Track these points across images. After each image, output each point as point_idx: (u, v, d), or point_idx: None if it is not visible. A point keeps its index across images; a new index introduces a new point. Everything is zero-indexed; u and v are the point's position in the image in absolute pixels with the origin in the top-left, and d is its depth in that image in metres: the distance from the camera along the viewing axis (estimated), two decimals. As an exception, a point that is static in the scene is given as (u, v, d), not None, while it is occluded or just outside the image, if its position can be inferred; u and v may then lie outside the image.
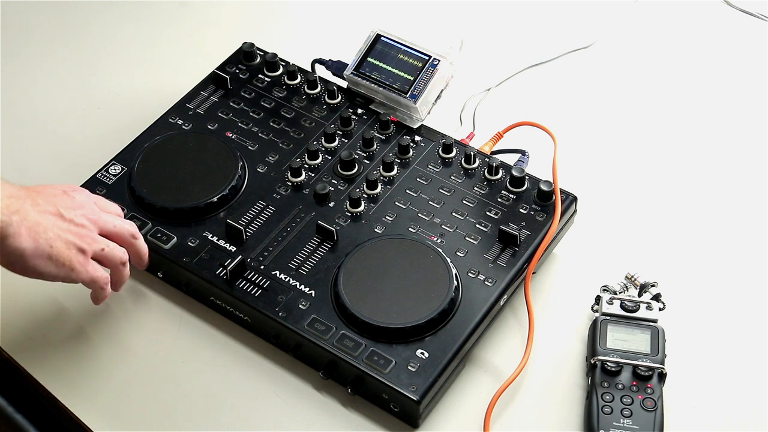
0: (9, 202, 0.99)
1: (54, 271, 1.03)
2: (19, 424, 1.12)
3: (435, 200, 1.20)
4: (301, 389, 1.11)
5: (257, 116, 1.30)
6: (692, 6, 1.55)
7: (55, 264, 1.03)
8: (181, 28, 1.53)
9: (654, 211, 1.28)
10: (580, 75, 1.46)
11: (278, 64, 1.35)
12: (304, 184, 1.23)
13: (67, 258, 1.03)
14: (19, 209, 1.00)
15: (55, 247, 1.02)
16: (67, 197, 1.07)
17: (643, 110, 1.41)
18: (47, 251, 1.02)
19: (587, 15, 1.54)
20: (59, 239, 1.03)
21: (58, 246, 1.02)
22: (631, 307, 1.13)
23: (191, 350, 1.15)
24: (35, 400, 1.13)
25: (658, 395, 1.07)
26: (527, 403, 1.10)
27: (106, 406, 1.10)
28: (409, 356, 1.07)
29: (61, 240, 1.03)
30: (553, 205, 1.18)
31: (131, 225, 1.12)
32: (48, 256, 1.02)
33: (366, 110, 1.30)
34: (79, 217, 1.06)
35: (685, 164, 1.34)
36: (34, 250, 1.01)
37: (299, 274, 1.14)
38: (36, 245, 1.01)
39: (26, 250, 1.00)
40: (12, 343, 1.15)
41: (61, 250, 1.03)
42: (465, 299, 1.11)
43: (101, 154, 1.27)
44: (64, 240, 1.03)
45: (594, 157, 1.35)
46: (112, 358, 1.14)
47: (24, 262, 1.01)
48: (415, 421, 1.07)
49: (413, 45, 1.29)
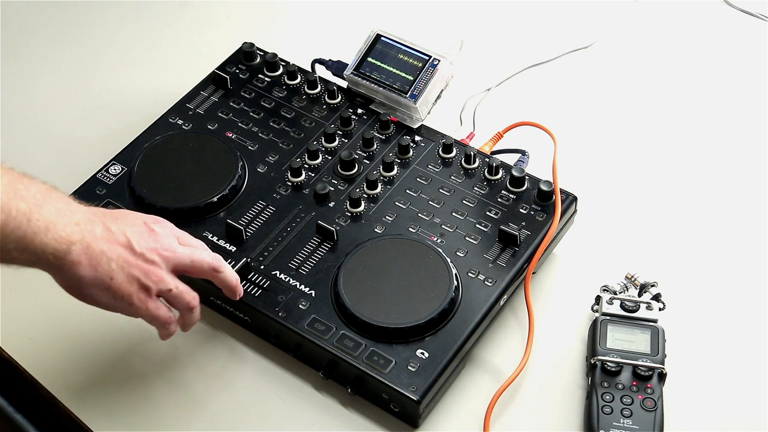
0: (72, 230, 0.96)
1: (111, 303, 1.00)
2: (19, 424, 1.12)
3: (435, 200, 1.20)
4: (301, 389, 1.11)
5: (257, 116, 1.30)
6: (692, 6, 1.55)
7: (113, 296, 0.99)
8: (181, 28, 1.53)
9: (654, 211, 1.28)
10: (580, 75, 1.46)
11: (278, 64, 1.35)
12: (304, 184, 1.23)
13: (127, 292, 1.00)
14: (82, 238, 0.96)
15: (115, 279, 0.99)
16: (145, 229, 1.03)
17: (643, 110, 1.41)
18: (106, 282, 0.98)
19: (587, 15, 1.54)
20: (122, 272, 0.99)
21: (119, 278, 0.99)
22: (631, 307, 1.13)
23: (191, 350, 1.15)
24: (35, 400, 1.13)
25: (658, 395, 1.07)
26: (527, 403, 1.11)
27: (106, 406, 1.10)
28: (409, 356, 1.07)
29: (124, 273, 0.99)
30: (553, 205, 1.18)
31: (213, 258, 1.07)
32: (107, 287, 0.98)
33: (366, 110, 1.30)
34: (150, 252, 1.01)
35: (685, 164, 1.34)
36: (93, 279, 0.97)
37: (299, 274, 1.14)
38: (96, 274, 0.97)
39: (84, 278, 0.97)
40: (12, 343, 1.15)
41: (120, 283, 0.99)
42: (465, 299, 1.11)
43: (101, 154, 1.27)
44: (127, 273, 0.99)
45: (594, 157, 1.35)
46: (112, 358, 1.14)
47: (81, 289, 0.98)
48: (415, 421, 1.07)
49: (413, 45, 1.29)
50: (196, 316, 1.07)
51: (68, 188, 1.22)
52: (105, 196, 1.21)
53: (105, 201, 1.20)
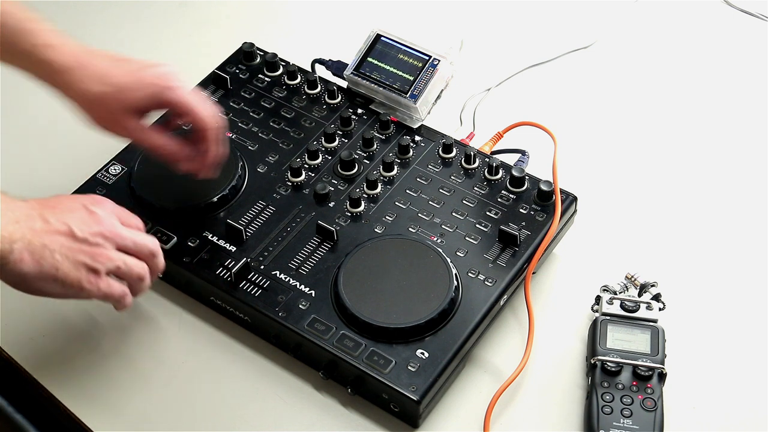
0: (14, 229, 0.97)
1: (62, 292, 1.01)
2: (19, 424, 1.12)
3: (435, 200, 1.20)
4: (301, 389, 1.11)
5: (257, 116, 1.30)
6: (692, 6, 1.55)
7: (62, 285, 1.00)
8: (181, 28, 1.53)
9: (654, 211, 1.28)
10: (580, 75, 1.46)
11: (278, 64, 1.35)
12: (304, 184, 1.23)
13: (75, 279, 1.00)
14: (23, 236, 0.97)
15: (61, 269, 0.99)
16: (84, 212, 1.03)
17: (643, 110, 1.41)
18: (52, 274, 0.99)
19: (587, 15, 1.54)
20: (67, 260, 1.00)
21: (64, 268, 0.99)
22: (631, 307, 1.13)
23: (191, 350, 1.15)
24: (35, 400, 1.13)
25: (658, 395, 1.07)
26: (527, 403, 1.11)
27: (106, 406, 1.10)
28: (409, 356, 1.07)
29: (69, 261, 1.00)
30: (553, 205, 1.18)
31: (153, 242, 1.09)
32: (54, 279, 0.99)
33: (366, 110, 1.30)
34: (94, 236, 1.02)
35: (685, 164, 1.34)
36: (38, 274, 0.98)
37: (299, 274, 1.14)
38: (40, 269, 0.98)
39: (28, 275, 0.98)
40: (12, 343, 1.15)
41: (67, 272, 1.00)
42: (465, 299, 1.11)
43: (101, 154, 1.27)
44: (73, 260, 1.00)
45: (594, 157, 1.35)
46: (112, 358, 1.14)
47: (27, 284, 0.99)
48: (415, 421, 1.07)
49: (413, 45, 1.29)
50: (146, 285, 1.08)
51: (68, 188, 1.23)
52: (105, 196, 1.20)
53: (105, 201, 1.20)
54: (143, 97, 1.10)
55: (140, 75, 1.10)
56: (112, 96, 1.09)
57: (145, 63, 1.12)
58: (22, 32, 1.09)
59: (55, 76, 1.10)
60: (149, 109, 1.12)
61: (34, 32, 1.09)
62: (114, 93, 1.09)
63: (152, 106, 1.12)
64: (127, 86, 1.10)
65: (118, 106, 1.10)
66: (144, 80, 1.10)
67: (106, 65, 1.10)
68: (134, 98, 1.10)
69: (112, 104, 1.09)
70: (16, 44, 1.09)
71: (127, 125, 1.11)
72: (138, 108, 1.11)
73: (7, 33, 1.09)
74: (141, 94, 1.10)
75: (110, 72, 1.10)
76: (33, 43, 1.09)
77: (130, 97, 1.10)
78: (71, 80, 1.09)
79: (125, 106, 1.10)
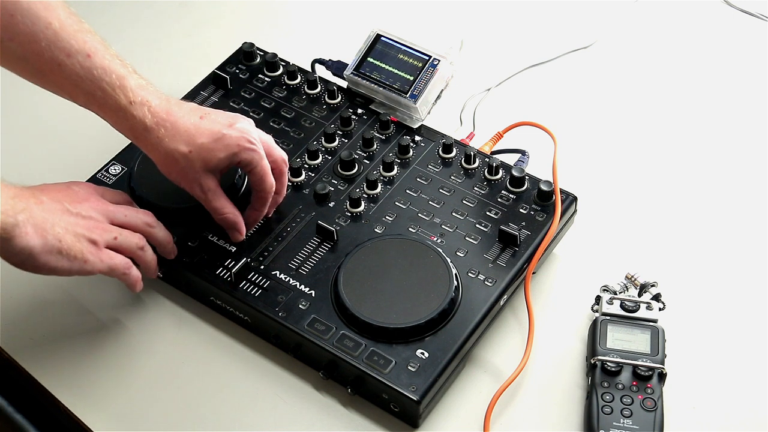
0: (13, 203, 0.99)
1: (67, 266, 1.02)
2: (19, 424, 1.12)
3: (435, 200, 1.20)
4: (301, 389, 1.11)
5: (257, 116, 1.30)
6: (692, 6, 1.55)
7: (66, 258, 1.02)
8: (181, 28, 1.53)
9: (654, 211, 1.28)
10: (580, 75, 1.46)
11: (278, 64, 1.35)
12: (304, 184, 1.23)
13: (79, 250, 1.03)
14: (24, 208, 0.99)
15: (64, 241, 1.01)
16: (71, 191, 1.07)
17: (643, 110, 1.41)
18: (57, 246, 1.01)
19: (587, 15, 1.54)
20: (68, 233, 1.02)
21: (67, 240, 1.02)
22: (631, 307, 1.13)
23: (191, 350, 1.15)
24: (35, 400, 1.13)
25: (658, 395, 1.07)
26: (527, 403, 1.10)
27: (106, 406, 1.10)
28: (409, 356, 1.07)
29: (70, 233, 1.02)
30: (553, 205, 1.18)
31: (145, 213, 1.12)
32: (58, 251, 1.01)
33: (366, 110, 1.30)
34: (86, 210, 1.06)
35: (685, 164, 1.34)
36: (43, 247, 1.00)
37: (299, 274, 1.14)
38: (44, 241, 1.00)
39: (35, 248, 0.99)
40: (12, 343, 1.15)
41: (71, 244, 1.02)
42: (465, 299, 1.11)
43: (101, 154, 1.27)
44: (73, 233, 1.03)
45: (594, 157, 1.35)
46: (112, 358, 1.14)
47: (34, 260, 1.00)
48: (415, 421, 1.07)
49: (413, 45, 1.29)
50: (149, 255, 1.10)
51: (68, 188, 1.23)
52: (105, 196, 1.21)
53: (105, 201, 1.20)
54: (224, 158, 1.10)
55: (223, 135, 1.10)
56: (198, 156, 1.09)
57: (226, 120, 1.12)
58: (115, 86, 1.08)
59: (142, 133, 1.09)
60: (226, 168, 1.12)
61: (126, 85, 1.08)
62: (199, 153, 1.09)
63: (229, 165, 1.12)
64: (211, 147, 1.10)
65: (201, 166, 1.10)
66: (226, 140, 1.10)
67: (193, 123, 1.10)
68: (217, 159, 1.10)
69: (196, 164, 1.10)
70: (106, 96, 1.08)
71: (205, 184, 1.11)
72: (218, 168, 1.11)
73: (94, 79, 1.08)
74: (223, 155, 1.10)
75: (198, 131, 1.09)
76: (131, 100, 1.08)
77: (214, 159, 1.10)
78: (159, 137, 1.09)
79: (209, 167, 1.10)
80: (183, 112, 1.11)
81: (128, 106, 1.08)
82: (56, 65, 1.07)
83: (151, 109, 1.09)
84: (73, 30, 1.08)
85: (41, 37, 1.06)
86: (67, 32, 1.07)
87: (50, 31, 1.06)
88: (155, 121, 1.09)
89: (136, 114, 1.08)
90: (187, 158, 1.09)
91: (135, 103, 1.08)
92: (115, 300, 1.18)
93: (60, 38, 1.07)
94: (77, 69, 1.07)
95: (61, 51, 1.07)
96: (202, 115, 1.11)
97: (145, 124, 1.08)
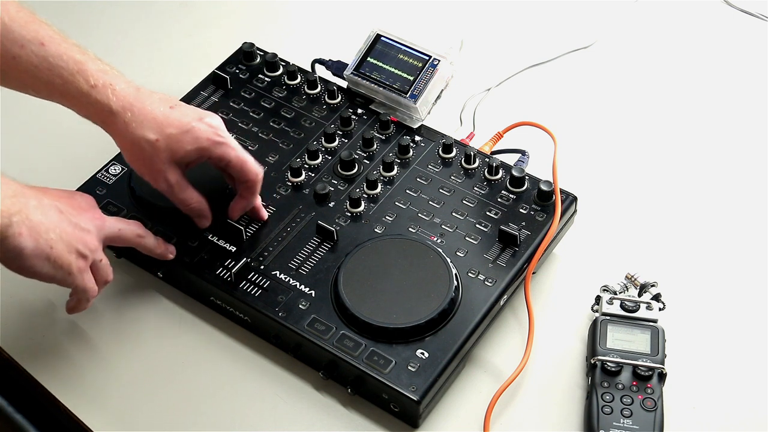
0: (11, 203, 0.98)
1: (51, 273, 1.01)
2: (19, 424, 1.12)
3: (435, 200, 1.20)
4: (301, 389, 1.11)
5: (257, 116, 1.30)
6: (692, 6, 1.55)
7: (53, 265, 1.01)
8: (181, 28, 1.53)
9: (654, 211, 1.28)
10: (580, 75, 1.46)
11: (278, 64, 1.35)
12: (304, 184, 1.23)
13: (66, 262, 1.02)
14: (21, 209, 0.99)
15: (55, 248, 1.01)
16: (73, 200, 1.07)
17: (643, 110, 1.41)
18: (47, 252, 1.00)
19: (587, 15, 1.54)
20: (61, 241, 1.01)
21: (58, 248, 1.01)
22: (631, 307, 1.13)
23: (191, 350, 1.15)
24: (35, 400, 1.13)
25: (658, 395, 1.07)
26: (527, 403, 1.11)
27: (106, 406, 1.10)
28: (409, 356, 1.07)
29: (63, 242, 1.01)
30: (553, 205, 1.18)
31: (137, 225, 1.12)
32: (47, 257, 1.00)
33: (366, 110, 1.30)
34: (84, 221, 1.05)
35: (685, 164, 1.34)
36: (34, 250, 0.99)
37: (299, 274, 1.14)
38: (36, 245, 0.99)
39: (25, 249, 0.98)
40: (12, 343, 1.15)
41: (60, 253, 1.01)
42: (465, 299, 1.11)
43: (101, 154, 1.27)
44: (66, 242, 1.02)
45: (594, 157, 1.35)
46: (112, 358, 1.14)
47: (21, 260, 0.99)
48: (415, 421, 1.07)
49: (413, 45, 1.29)
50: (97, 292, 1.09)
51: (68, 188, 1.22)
52: (105, 196, 1.21)
53: (105, 201, 1.20)
54: (192, 150, 1.09)
55: (192, 128, 1.09)
56: (165, 145, 1.08)
57: (197, 114, 1.11)
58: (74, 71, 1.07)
59: (109, 117, 1.08)
60: (193, 163, 1.12)
61: (86, 69, 1.07)
62: (167, 142, 1.08)
63: (198, 160, 1.11)
64: (180, 138, 1.09)
65: (168, 157, 1.09)
66: (195, 133, 1.09)
67: (162, 112, 1.08)
68: (184, 151, 1.09)
69: (163, 154, 1.08)
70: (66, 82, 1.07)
71: (170, 177, 1.10)
72: (185, 161, 1.10)
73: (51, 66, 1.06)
74: (191, 148, 1.09)
75: (167, 120, 1.08)
76: (92, 84, 1.07)
77: (181, 150, 1.09)
78: (126, 122, 1.08)
79: (175, 158, 1.09)
80: (152, 100, 1.09)
81: (90, 90, 1.07)
82: (11, 59, 1.06)
83: (116, 93, 1.07)
84: (24, 21, 1.07)
85: None
86: (17, 24, 1.06)
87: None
88: (120, 105, 1.07)
89: (99, 98, 1.07)
90: (154, 147, 1.08)
91: (97, 86, 1.07)
92: (115, 300, 1.18)
93: (10, 30, 1.06)
94: (32, 59, 1.06)
95: (14, 43, 1.05)
96: (172, 105, 1.10)
97: (110, 107, 1.07)
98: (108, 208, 1.19)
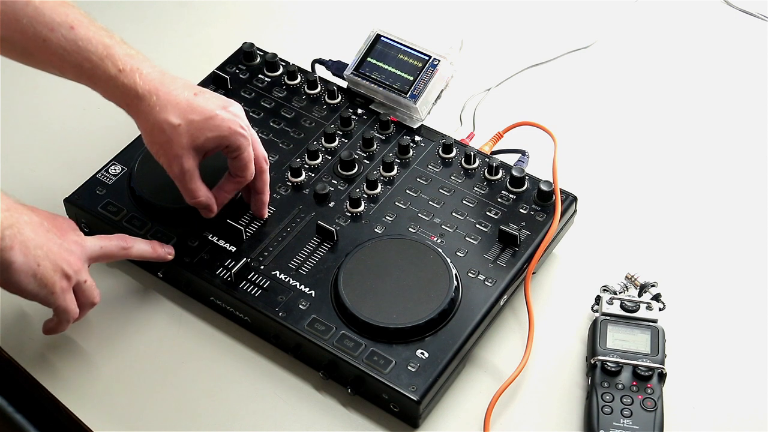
0: (4, 216, 0.98)
1: (35, 290, 1.01)
2: (19, 424, 1.12)
3: (435, 200, 1.20)
4: (301, 389, 1.11)
5: (257, 116, 1.30)
6: (692, 6, 1.55)
7: (38, 283, 1.01)
8: (181, 28, 1.53)
9: (654, 211, 1.28)
10: (580, 75, 1.46)
11: (278, 64, 1.35)
12: (304, 184, 1.23)
13: (51, 281, 1.01)
14: (14, 223, 0.98)
15: (42, 266, 1.00)
16: (57, 221, 1.07)
17: (643, 110, 1.41)
18: (34, 268, 1.00)
19: (587, 15, 1.54)
20: (47, 259, 1.01)
21: (45, 265, 1.01)
22: (631, 307, 1.13)
23: (191, 350, 1.15)
24: (35, 400, 1.13)
25: (658, 395, 1.07)
26: (527, 403, 1.10)
27: (107, 406, 1.10)
28: (409, 356, 1.07)
29: (49, 260, 1.01)
30: (553, 205, 1.18)
31: (118, 238, 1.11)
32: (33, 274, 1.00)
33: (366, 110, 1.30)
34: (68, 242, 1.05)
35: (685, 164, 1.34)
36: (22, 265, 0.98)
37: (299, 274, 1.14)
38: (25, 260, 0.99)
39: (14, 263, 0.98)
40: (12, 343, 1.15)
41: (47, 270, 1.01)
42: (465, 299, 1.11)
43: (101, 154, 1.27)
44: (52, 261, 1.01)
45: (594, 157, 1.35)
46: (113, 359, 1.14)
47: (9, 274, 0.99)
48: (415, 421, 1.07)
49: (413, 45, 1.29)
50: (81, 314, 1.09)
51: (68, 188, 1.22)
52: (105, 196, 1.21)
53: (105, 201, 1.20)
54: (213, 138, 1.09)
55: (216, 115, 1.09)
56: (186, 131, 1.08)
57: (221, 101, 1.11)
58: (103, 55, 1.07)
59: (134, 101, 1.08)
60: (211, 151, 1.11)
61: (114, 54, 1.07)
62: (188, 128, 1.08)
63: (216, 148, 1.11)
64: (202, 125, 1.08)
65: (188, 142, 1.09)
66: (218, 121, 1.09)
67: (185, 98, 1.08)
68: (205, 138, 1.09)
69: (183, 139, 1.08)
70: (95, 66, 1.07)
71: (186, 163, 1.09)
72: (204, 148, 1.10)
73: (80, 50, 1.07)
74: (212, 135, 1.09)
75: (190, 107, 1.08)
76: (120, 68, 1.07)
77: (202, 137, 1.09)
78: (150, 105, 1.08)
79: (195, 145, 1.09)
80: (177, 85, 1.09)
81: (118, 75, 1.07)
82: (41, 41, 1.06)
83: (143, 77, 1.08)
84: (54, 4, 1.07)
85: (21, 15, 1.06)
86: (47, 7, 1.07)
87: (30, 8, 1.06)
88: (147, 88, 1.07)
89: (126, 82, 1.07)
90: (176, 131, 1.08)
91: (125, 71, 1.07)
92: (116, 300, 1.18)
93: (41, 14, 1.06)
94: (62, 42, 1.06)
95: (44, 26, 1.06)
96: (196, 92, 1.10)
97: (137, 91, 1.07)
98: (108, 208, 1.19)
